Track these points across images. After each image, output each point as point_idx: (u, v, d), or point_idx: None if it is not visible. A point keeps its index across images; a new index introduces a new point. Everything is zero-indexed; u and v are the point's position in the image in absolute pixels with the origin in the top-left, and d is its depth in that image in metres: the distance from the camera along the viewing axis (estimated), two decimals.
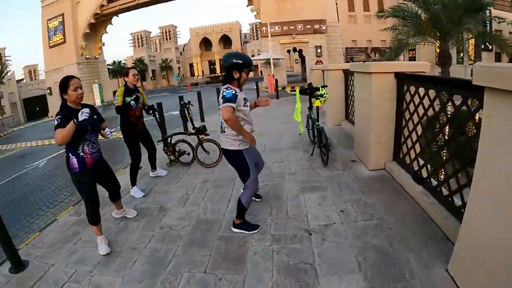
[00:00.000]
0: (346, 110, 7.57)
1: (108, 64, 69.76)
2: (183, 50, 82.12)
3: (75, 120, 2.93)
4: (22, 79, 61.63)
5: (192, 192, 4.72)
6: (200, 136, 5.68)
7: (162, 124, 7.00)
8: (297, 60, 37.30)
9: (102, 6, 35.80)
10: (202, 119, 11.30)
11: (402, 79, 3.82)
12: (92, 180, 3.37)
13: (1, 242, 3.20)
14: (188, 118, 6.04)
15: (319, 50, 28.72)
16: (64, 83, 3.13)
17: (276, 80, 19.03)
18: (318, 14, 28.20)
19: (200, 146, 5.80)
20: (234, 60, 3.01)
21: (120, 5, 35.68)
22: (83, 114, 2.95)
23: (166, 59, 77.77)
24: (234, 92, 2.96)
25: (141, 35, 77.38)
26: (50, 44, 38.59)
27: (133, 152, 4.91)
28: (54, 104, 39.10)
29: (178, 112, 7.77)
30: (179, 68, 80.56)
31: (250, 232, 3.35)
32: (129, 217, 4.06)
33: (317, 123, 5.19)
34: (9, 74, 48.01)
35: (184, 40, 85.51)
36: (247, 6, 30.58)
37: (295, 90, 5.63)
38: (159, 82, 78.49)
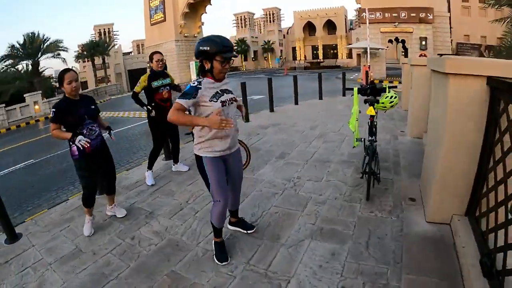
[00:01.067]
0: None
1: None
2: (287, 33, 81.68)
3: (70, 141, 3.19)
4: (131, 52, 67.79)
5: (192, 201, 4.10)
6: None
7: None
8: (403, 52, 33.19)
9: None
10: (272, 109, 10.43)
11: (499, 88, 2.22)
12: (91, 166, 3.44)
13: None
14: None
15: (423, 43, 24.91)
16: (60, 76, 3.22)
17: (367, 72, 16.98)
18: (425, 1, 24.55)
19: None
20: (201, 48, 2.36)
21: None
22: (80, 143, 3.11)
23: (268, 41, 78.15)
24: (196, 85, 2.38)
25: (244, 16, 79.11)
26: (151, 22, 41.11)
27: (155, 140, 4.88)
28: None
29: (260, 97, 7.66)
30: (281, 51, 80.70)
31: (216, 261, 2.73)
32: (118, 216, 3.85)
33: (369, 139, 3.75)
34: (115, 47, 52.93)
35: (288, 23, 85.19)
36: None
37: (394, 86, 4.11)
38: (260, 63, 79.81)
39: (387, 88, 3.87)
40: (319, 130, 7.16)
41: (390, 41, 26.72)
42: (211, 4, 40.61)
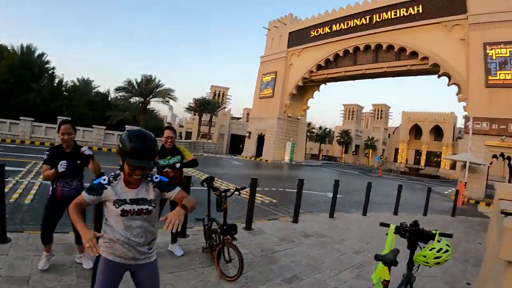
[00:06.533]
0: None
1: (312, 128, 75.54)
2: (393, 133, 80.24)
3: (55, 169, 3.49)
4: (240, 118, 73.27)
5: None
6: (225, 237, 4.25)
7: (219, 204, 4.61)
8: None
9: (311, 72, 38.24)
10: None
11: None
12: (54, 210, 3.71)
13: None
14: (222, 208, 4.52)
15: None
16: (58, 125, 3.66)
17: (457, 191, 15.19)
18: None
19: (222, 250, 4.34)
20: (119, 141, 2.05)
21: (327, 74, 37.31)
22: (61, 166, 3.47)
23: (372, 138, 78.35)
24: (104, 183, 2.06)
25: (353, 108, 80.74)
26: (260, 95, 44.24)
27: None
28: (248, 147, 44.30)
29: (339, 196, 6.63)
30: (383, 150, 79.69)
31: None
32: (84, 267, 3.86)
33: None
34: (225, 110, 57.92)
35: (394, 123, 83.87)
36: (456, 94, 26.27)
37: (449, 235, 2.92)
38: (359, 158, 79.31)
39: (437, 235, 2.91)
40: (364, 257, 5.89)
41: (495, 156, 23.65)
42: (319, 91, 42.49)
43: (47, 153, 3.62)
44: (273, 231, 6.56)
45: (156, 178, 2.20)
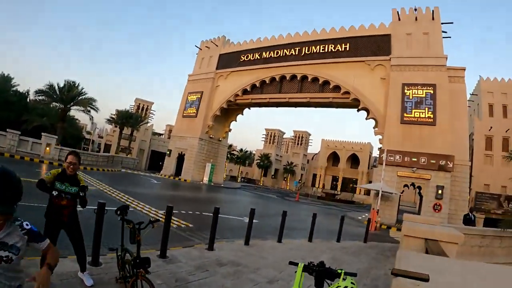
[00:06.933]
0: None
1: (233, 150, 76.33)
2: (312, 159, 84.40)
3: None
4: (162, 135, 71.31)
5: None
6: (138, 270, 4.07)
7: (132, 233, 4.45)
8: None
9: (237, 95, 39.21)
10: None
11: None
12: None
13: None
14: (136, 240, 4.34)
15: (440, 192, 23.91)
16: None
17: (369, 219, 16.67)
18: (447, 148, 24.39)
19: (135, 282, 4.13)
20: None
21: (252, 98, 38.56)
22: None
23: (291, 162, 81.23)
24: None
25: (275, 133, 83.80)
26: (184, 114, 43.83)
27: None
28: (168, 164, 43.15)
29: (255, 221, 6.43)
30: (301, 175, 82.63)
31: None
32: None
33: None
34: (148, 125, 56.20)
35: (313, 149, 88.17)
36: (373, 127, 29.13)
37: (354, 274, 3.03)
38: (278, 182, 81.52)
39: (342, 273, 3.05)
40: (277, 286, 5.99)
41: (406, 185, 26.40)
42: (242, 114, 43.66)
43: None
44: (187, 259, 6.54)
45: (27, 225, 2.01)
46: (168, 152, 43.78)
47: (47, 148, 26.30)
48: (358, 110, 31.00)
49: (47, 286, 1.81)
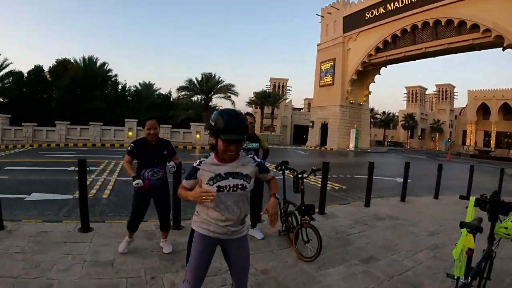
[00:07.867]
0: None
1: (376, 113, 72.71)
2: (459, 114, 74.03)
3: (133, 179, 3.79)
4: (301, 109, 72.74)
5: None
6: (303, 218, 4.40)
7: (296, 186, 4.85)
8: None
9: (370, 55, 37.02)
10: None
11: None
12: (144, 199, 3.98)
13: None
14: (299, 189, 4.70)
15: None
16: (143, 121, 3.93)
17: None
18: None
19: (300, 230, 4.51)
20: (210, 120, 2.13)
21: (386, 56, 35.87)
22: (135, 185, 3.77)
23: (438, 120, 73.58)
24: (196, 165, 2.19)
25: (416, 90, 76.52)
26: (320, 84, 43.58)
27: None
28: (312, 136, 44.17)
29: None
30: (450, 133, 74.25)
31: None
32: (164, 251, 4.13)
33: (463, 283, 2.57)
34: (286, 101, 57.83)
35: (461, 103, 77.29)
36: None
37: None
38: (426, 143, 75.22)
39: None
40: (438, 239, 5.68)
41: None
42: (380, 74, 40.93)
43: (132, 145, 3.86)
44: (346, 215, 6.70)
45: (258, 159, 2.34)
46: (311, 124, 44.56)
47: (197, 135, 30.48)
48: (503, 49, 26.12)
49: (276, 210, 2.20)
